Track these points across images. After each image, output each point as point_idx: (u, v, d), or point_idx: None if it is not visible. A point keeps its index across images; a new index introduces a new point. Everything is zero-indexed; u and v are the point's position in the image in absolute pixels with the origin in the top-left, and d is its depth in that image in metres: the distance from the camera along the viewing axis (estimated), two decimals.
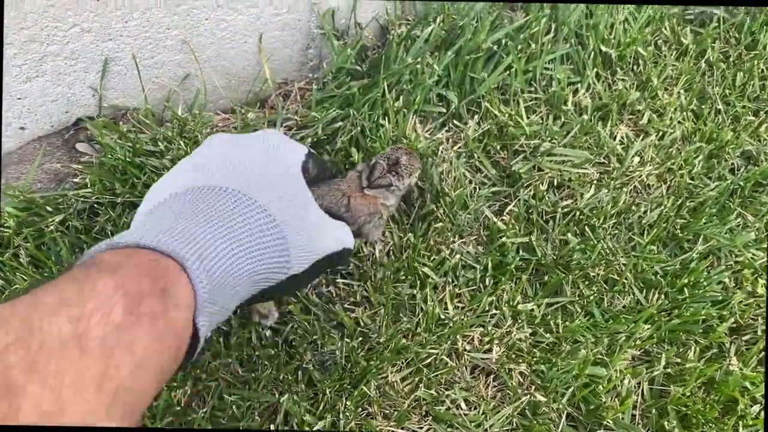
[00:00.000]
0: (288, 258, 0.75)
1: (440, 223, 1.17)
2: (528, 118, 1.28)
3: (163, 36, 1.12)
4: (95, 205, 1.10)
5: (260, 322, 1.07)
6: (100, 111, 1.20)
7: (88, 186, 1.09)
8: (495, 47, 1.30)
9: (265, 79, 1.27)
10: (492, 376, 1.09)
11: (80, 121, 1.18)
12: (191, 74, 1.20)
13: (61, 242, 1.05)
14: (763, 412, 1.08)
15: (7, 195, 1.09)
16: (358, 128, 1.19)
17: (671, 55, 1.41)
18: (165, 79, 1.19)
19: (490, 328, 1.10)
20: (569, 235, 1.16)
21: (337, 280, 1.12)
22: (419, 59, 1.21)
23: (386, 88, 1.21)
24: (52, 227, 1.07)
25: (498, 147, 1.25)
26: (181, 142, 1.11)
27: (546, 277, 1.15)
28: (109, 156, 1.10)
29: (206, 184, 0.75)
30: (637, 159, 1.27)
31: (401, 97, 1.23)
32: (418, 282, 1.11)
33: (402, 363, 1.07)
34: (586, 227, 1.18)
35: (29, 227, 1.07)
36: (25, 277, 1.04)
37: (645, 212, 1.22)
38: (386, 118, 1.21)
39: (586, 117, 1.28)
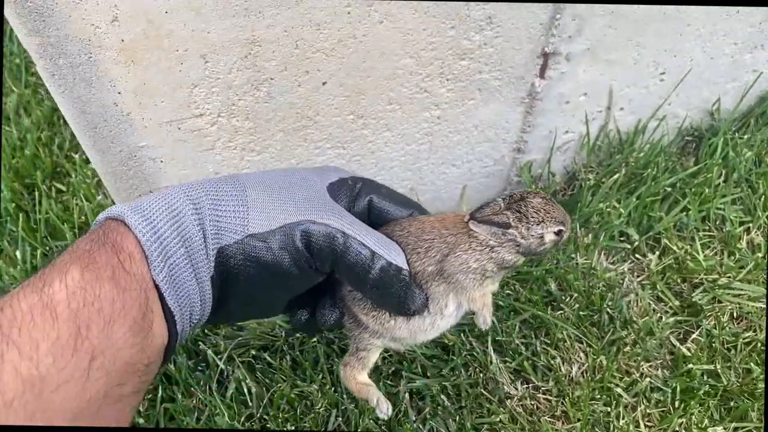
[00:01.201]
0: (245, 208, 0.73)
1: (629, 348, 1.32)
2: (704, 253, 1.43)
3: (397, 186, 1.40)
4: None
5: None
6: None
7: None
8: (670, 189, 1.48)
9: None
10: None
11: None
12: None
13: (320, 351, 1.31)
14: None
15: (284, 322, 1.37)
16: (554, 261, 1.40)
17: None
18: None
19: None
20: (752, 364, 1.28)
21: (538, 395, 1.30)
22: (607, 203, 1.42)
23: (577, 227, 1.42)
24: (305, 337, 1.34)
25: (678, 279, 1.40)
26: None
27: (732, 402, 1.26)
28: None
29: None
30: None
31: (590, 235, 1.43)
32: (612, 401, 1.27)
33: None
34: None
35: (290, 336, 1.35)
36: (284, 377, 1.30)
37: None
38: (577, 252, 1.41)
39: (759, 255, 1.41)
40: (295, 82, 1.08)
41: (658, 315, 1.37)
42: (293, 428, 1.24)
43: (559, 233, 0.84)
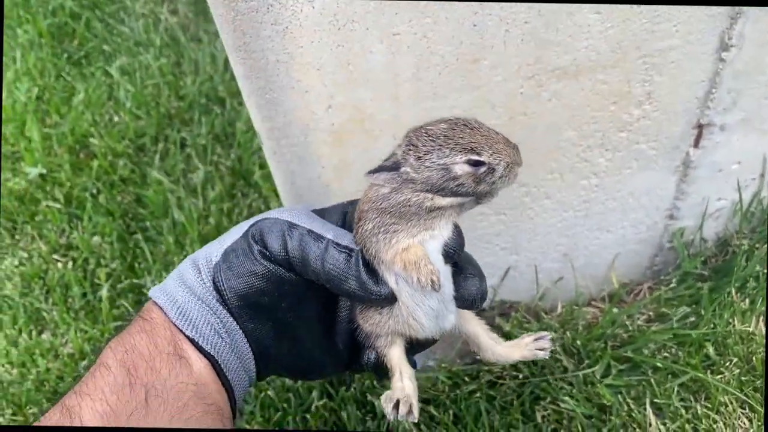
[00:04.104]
0: (227, 233, 0.86)
1: None
2: None
3: (551, 250, 1.48)
4: (499, 379, 1.44)
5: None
6: (491, 303, 1.57)
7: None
8: None
9: (612, 282, 1.57)
10: None
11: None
12: (564, 277, 1.54)
13: (482, 406, 1.38)
14: None
15: (439, 368, 1.47)
16: (711, 325, 1.41)
17: None
18: (544, 281, 1.54)
19: None
20: None
21: None
22: (764, 267, 1.43)
23: (733, 291, 1.43)
24: (467, 392, 1.42)
25: None
26: (567, 333, 1.43)
27: None
28: None
29: None
30: None
31: (746, 300, 1.44)
32: None
33: None
34: None
35: (452, 391, 1.43)
36: (446, 430, 1.38)
37: None
38: (734, 317, 1.42)
39: None
40: None
41: None
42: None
43: (472, 164, 0.68)
